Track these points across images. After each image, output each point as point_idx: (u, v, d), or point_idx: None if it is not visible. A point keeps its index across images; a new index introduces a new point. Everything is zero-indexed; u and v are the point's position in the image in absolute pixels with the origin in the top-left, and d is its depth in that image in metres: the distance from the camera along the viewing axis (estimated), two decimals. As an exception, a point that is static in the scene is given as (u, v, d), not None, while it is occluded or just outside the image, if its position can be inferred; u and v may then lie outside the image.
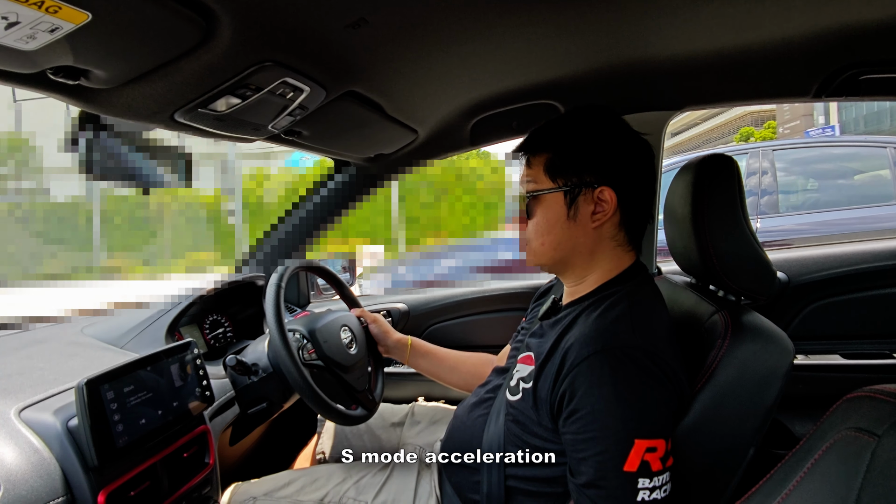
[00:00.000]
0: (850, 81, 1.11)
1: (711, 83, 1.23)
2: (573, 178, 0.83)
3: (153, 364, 0.86)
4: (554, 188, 0.84)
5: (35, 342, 1.10)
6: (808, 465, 0.59)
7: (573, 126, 0.86)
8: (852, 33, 0.97)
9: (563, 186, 0.83)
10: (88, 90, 0.71)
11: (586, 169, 0.82)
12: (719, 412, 0.77)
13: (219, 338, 1.43)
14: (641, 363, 0.70)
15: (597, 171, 0.82)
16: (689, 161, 0.93)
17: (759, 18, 0.93)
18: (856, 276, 1.39)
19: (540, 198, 0.85)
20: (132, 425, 0.79)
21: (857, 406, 0.60)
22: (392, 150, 1.45)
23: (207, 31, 0.66)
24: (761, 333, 0.81)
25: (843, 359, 1.46)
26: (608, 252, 0.85)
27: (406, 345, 1.23)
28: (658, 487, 0.68)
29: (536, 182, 0.86)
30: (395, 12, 0.78)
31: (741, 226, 0.87)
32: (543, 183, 0.85)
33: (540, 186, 0.85)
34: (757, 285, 0.90)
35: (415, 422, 1.29)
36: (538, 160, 0.86)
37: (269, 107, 0.90)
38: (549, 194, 0.84)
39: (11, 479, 0.69)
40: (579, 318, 0.82)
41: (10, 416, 0.77)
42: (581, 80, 1.20)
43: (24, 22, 0.51)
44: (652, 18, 0.93)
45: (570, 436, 0.72)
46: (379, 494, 1.01)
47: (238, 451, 1.32)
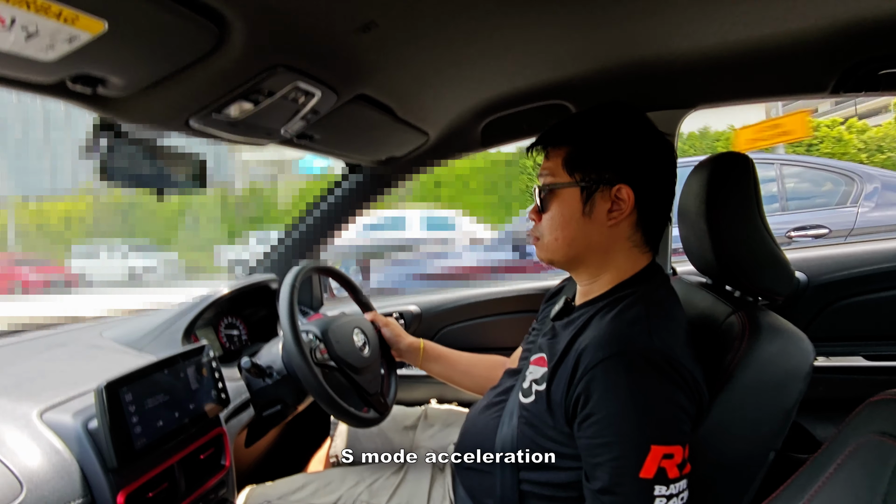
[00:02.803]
0: (869, 76, 1.09)
1: (725, 80, 1.22)
2: (591, 174, 0.81)
3: (170, 367, 0.87)
4: (571, 183, 0.82)
5: (56, 345, 1.13)
6: (831, 471, 0.58)
7: (595, 121, 0.84)
8: (871, 27, 0.95)
9: (581, 182, 0.81)
10: (105, 98, 0.73)
11: (605, 166, 0.81)
12: (738, 415, 0.76)
13: (233, 340, 1.44)
14: (659, 367, 0.69)
15: (616, 169, 0.80)
16: (704, 159, 0.92)
17: (774, 12, 0.92)
18: (878, 275, 1.36)
19: (556, 192, 0.84)
20: (150, 427, 0.80)
21: (881, 409, 0.58)
22: (403, 152, 1.45)
23: (220, 38, 0.67)
24: (780, 334, 0.79)
25: (866, 360, 1.42)
26: (624, 252, 0.84)
27: (419, 349, 1.23)
28: (675, 495, 0.66)
29: (553, 175, 0.84)
30: (405, 15, 0.79)
31: (757, 224, 0.86)
32: (560, 177, 0.83)
33: (557, 180, 0.84)
34: (774, 285, 0.88)
35: (428, 425, 1.29)
36: (557, 153, 0.85)
37: (281, 111, 0.91)
38: (565, 189, 0.83)
39: (34, 479, 0.70)
40: (593, 319, 0.80)
41: (33, 418, 0.79)
42: (592, 80, 1.19)
43: (43, 33, 0.52)
44: (663, 15, 0.92)
45: (586, 440, 0.71)
46: (392, 498, 1.01)
47: (253, 453, 1.33)
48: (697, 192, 0.89)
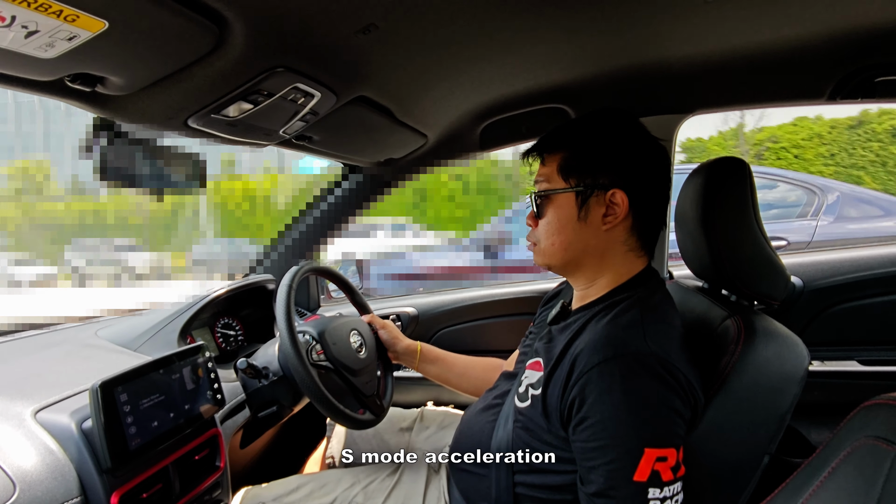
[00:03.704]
0: (865, 84, 1.10)
1: (723, 86, 1.22)
2: (586, 179, 0.82)
3: (165, 367, 0.87)
4: (566, 188, 0.83)
5: (51, 344, 1.12)
6: (825, 475, 0.58)
7: (590, 127, 0.86)
8: (868, 34, 0.96)
9: (576, 187, 0.83)
10: (104, 97, 0.73)
11: (600, 171, 0.82)
12: (733, 419, 0.76)
13: (230, 341, 1.44)
14: (653, 371, 0.69)
15: (610, 174, 0.81)
16: (701, 164, 0.92)
17: (772, 20, 0.92)
18: (873, 280, 1.36)
19: (551, 197, 0.85)
20: (145, 428, 0.80)
21: (875, 414, 0.58)
22: (402, 154, 1.46)
23: (220, 38, 0.67)
24: (775, 338, 0.79)
25: (861, 365, 1.43)
26: (619, 256, 0.84)
27: (415, 351, 1.23)
28: (669, 498, 0.67)
29: (549, 181, 0.85)
30: (405, 18, 0.79)
31: (753, 229, 0.86)
32: (556, 182, 0.84)
33: (552, 186, 0.85)
34: (770, 289, 0.88)
35: (423, 427, 1.29)
36: (552, 159, 0.86)
37: (280, 112, 0.91)
38: (560, 194, 0.84)
39: (27, 479, 0.70)
40: (589, 323, 0.81)
41: (27, 417, 0.79)
42: (591, 84, 1.20)
43: (43, 31, 0.52)
44: (663, 21, 0.92)
45: (580, 444, 0.71)
46: (388, 500, 1.01)
47: (249, 454, 1.33)
48: (694, 197, 0.90)
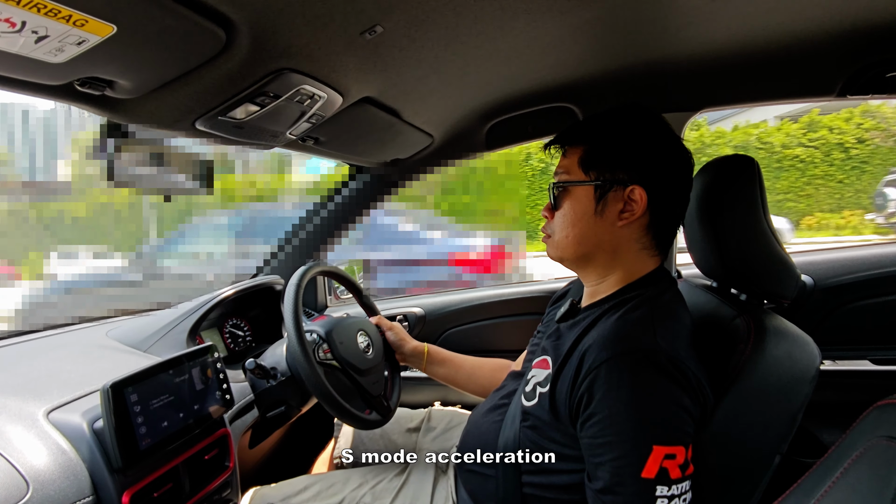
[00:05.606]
0: (877, 79, 1.08)
1: (731, 83, 1.21)
2: (606, 174, 0.82)
3: (175, 367, 0.88)
4: (585, 181, 0.83)
5: (62, 345, 1.13)
6: (837, 475, 0.57)
7: (614, 122, 0.85)
8: (879, 29, 0.95)
9: (595, 180, 0.82)
10: (113, 100, 0.74)
11: (620, 166, 0.81)
12: (743, 419, 0.75)
13: (238, 341, 1.45)
14: (663, 368, 0.69)
15: (630, 170, 0.81)
16: (709, 162, 0.91)
17: (781, 15, 0.91)
18: (885, 279, 1.34)
19: (569, 189, 0.85)
20: (155, 428, 0.80)
21: (888, 414, 0.58)
22: (408, 154, 1.46)
23: (227, 41, 0.68)
24: (786, 337, 0.79)
25: (873, 364, 1.41)
26: (632, 254, 0.84)
27: (423, 353, 1.23)
28: (677, 496, 0.66)
29: (569, 173, 0.85)
30: (409, 18, 0.79)
31: (763, 227, 0.85)
32: (575, 175, 0.84)
33: (571, 178, 0.85)
34: (780, 288, 0.87)
35: (431, 427, 1.29)
36: (573, 152, 0.86)
37: (286, 114, 0.92)
38: (578, 187, 0.84)
39: (40, 479, 0.71)
40: (599, 320, 0.80)
41: (39, 417, 0.80)
42: (597, 83, 1.19)
43: (52, 35, 0.53)
44: (669, 18, 0.92)
45: (588, 440, 0.71)
46: (395, 500, 1.01)
47: (257, 454, 1.33)
48: (702, 194, 0.89)
